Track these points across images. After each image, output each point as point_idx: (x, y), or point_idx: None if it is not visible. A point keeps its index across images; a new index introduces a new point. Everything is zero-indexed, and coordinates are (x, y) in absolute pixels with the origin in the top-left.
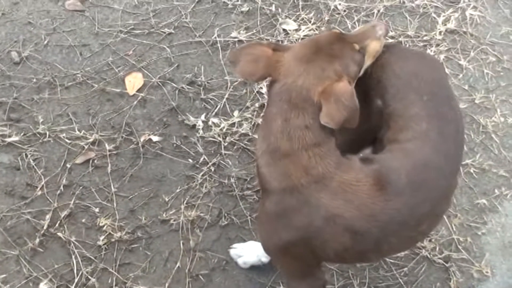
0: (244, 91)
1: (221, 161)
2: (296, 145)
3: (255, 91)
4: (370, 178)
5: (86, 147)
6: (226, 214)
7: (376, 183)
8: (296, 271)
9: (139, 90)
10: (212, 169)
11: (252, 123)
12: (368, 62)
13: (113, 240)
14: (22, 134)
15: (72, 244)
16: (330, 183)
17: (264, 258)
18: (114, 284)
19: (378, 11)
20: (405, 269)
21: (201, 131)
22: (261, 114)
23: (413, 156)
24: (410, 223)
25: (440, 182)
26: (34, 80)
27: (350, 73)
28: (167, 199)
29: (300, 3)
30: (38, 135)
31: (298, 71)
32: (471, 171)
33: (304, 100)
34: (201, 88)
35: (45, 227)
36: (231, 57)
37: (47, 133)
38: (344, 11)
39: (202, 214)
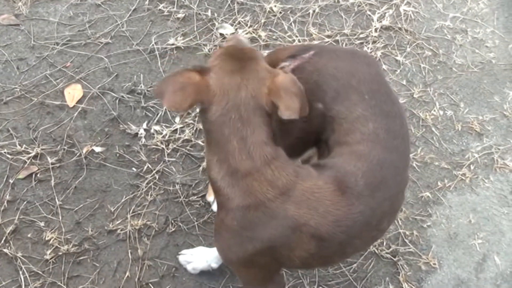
0: None
1: (165, 168)
2: (258, 162)
3: None
4: (330, 184)
5: (28, 161)
6: (172, 221)
7: (337, 189)
8: (258, 279)
9: (79, 102)
10: (157, 176)
11: (194, 129)
12: None
13: (60, 253)
14: None
15: (19, 259)
16: (293, 192)
17: (214, 263)
18: None
19: (314, 11)
20: (354, 265)
21: (143, 140)
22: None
23: (366, 158)
24: (372, 223)
25: (396, 178)
26: None
27: None
28: (112, 209)
29: (236, 7)
30: None
31: (236, 83)
32: (414, 164)
33: (255, 112)
34: (141, 96)
35: None
36: (156, 91)
37: None
38: (280, 12)
39: (148, 222)
